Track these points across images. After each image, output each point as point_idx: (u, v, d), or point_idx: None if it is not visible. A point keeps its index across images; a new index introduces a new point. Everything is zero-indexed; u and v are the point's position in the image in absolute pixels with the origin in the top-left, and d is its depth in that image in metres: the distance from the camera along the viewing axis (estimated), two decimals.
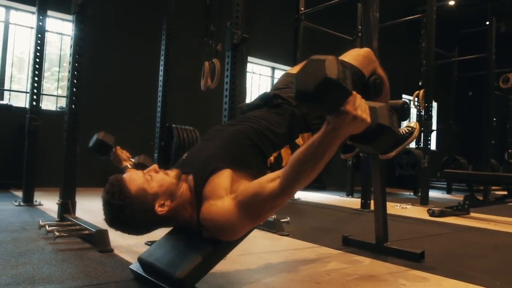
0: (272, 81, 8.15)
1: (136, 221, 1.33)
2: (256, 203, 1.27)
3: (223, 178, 1.36)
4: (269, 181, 1.27)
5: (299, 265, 2.09)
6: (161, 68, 4.71)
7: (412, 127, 2.28)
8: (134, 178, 1.34)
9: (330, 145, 1.12)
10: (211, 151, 1.48)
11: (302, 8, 5.33)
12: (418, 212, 4.74)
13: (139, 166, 2.13)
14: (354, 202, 5.32)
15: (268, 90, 1.91)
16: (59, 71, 5.80)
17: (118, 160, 2.16)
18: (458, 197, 6.82)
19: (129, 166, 2.10)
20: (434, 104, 8.96)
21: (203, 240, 1.43)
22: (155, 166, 1.43)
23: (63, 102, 5.63)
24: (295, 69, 2.12)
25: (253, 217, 1.30)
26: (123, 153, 2.20)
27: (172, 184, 1.39)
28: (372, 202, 4.55)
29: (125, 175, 1.36)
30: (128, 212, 1.29)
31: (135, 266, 1.66)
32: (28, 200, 3.68)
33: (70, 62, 2.77)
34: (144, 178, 1.35)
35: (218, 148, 1.49)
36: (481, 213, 4.66)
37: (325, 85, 0.98)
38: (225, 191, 1.33)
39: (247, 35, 3.25)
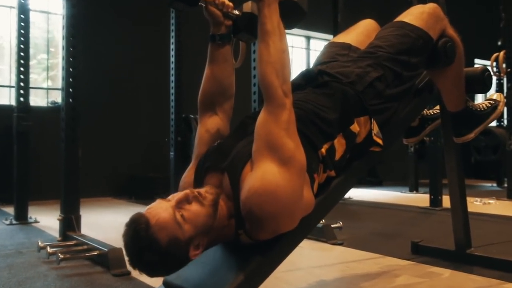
0: (308, 53, 8.09)
1: (168, 269, 1.40)
2: (270, 128, 1.38)
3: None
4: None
5: (359, 282, 2.09)
6: (172, 47, 4.71)
7: (495, 100, 2.21)
8: (163, 225, 1.31)
9: (272, 16, 1.47)
10: (248, 147, 1.47)
11: None
12: (506, 208, 4.64)
13: (244, 19, 1.70)
14: (420, 199, 5.25)
15: (310, 66, 1.89)
16: (48, 58, 5.92)
17: (211, 18, 1.71)
18: None
19: (218, 42, 1.73)
20: None
21: (242, 254, 1.44)
22: (187, 193, 1.38)
23: (54, 96, 5.76)
24: (341, 37, 2.09)
25: (278, 148, 1.36)
26: (221, 3, 1.67)
27: (209, 217, 1.37)
28: (444, 197, 4.51)
29: (152, 218, 1.31)
30: (160, 267, 1.36)
31: None
32: (21, 217, 3.76)
33: (63, 47, 2.83)
34: (175, 221, 1.32)
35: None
36: None
37: None
38: None
39: None
